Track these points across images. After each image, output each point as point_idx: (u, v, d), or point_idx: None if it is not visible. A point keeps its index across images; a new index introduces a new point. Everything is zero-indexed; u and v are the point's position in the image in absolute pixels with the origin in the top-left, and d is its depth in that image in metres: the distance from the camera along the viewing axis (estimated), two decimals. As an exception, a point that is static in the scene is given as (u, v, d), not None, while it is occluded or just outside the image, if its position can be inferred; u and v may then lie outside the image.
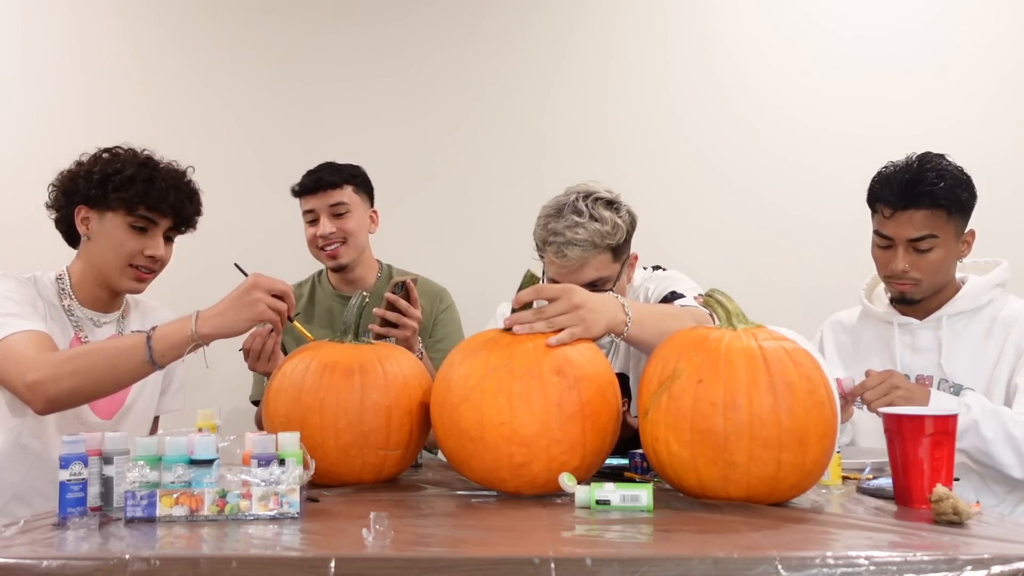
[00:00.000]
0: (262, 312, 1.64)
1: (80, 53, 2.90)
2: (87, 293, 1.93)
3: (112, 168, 1.86)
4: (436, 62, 2.92)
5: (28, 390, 1.66)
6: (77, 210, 1.89)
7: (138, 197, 1.85)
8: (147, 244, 1.88)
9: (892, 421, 1.40)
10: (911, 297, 1.99)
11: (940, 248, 1.93)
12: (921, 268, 1.94)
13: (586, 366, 1.46)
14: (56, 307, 1.90)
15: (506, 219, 2.77)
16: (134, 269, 1.89)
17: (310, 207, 2.35)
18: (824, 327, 2.18)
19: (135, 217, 1.87)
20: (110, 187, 1.85)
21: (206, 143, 2.85)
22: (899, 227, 1.93)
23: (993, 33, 2.85)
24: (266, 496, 1.27)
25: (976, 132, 2.78)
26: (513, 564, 1.03)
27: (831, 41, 2.88)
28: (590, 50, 2.91)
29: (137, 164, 1.88)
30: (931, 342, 2.00)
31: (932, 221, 1.91)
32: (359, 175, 2.41)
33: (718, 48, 2.90)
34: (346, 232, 2.34)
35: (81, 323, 1.91)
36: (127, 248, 1.87)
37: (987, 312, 1.99)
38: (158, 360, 1.66)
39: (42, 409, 1.70)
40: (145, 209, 1.86)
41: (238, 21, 2.93)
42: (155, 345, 1.65)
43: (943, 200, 1.90)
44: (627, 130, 2.88)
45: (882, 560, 1.03)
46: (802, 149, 2.86)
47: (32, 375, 1.65)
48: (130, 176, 1.85)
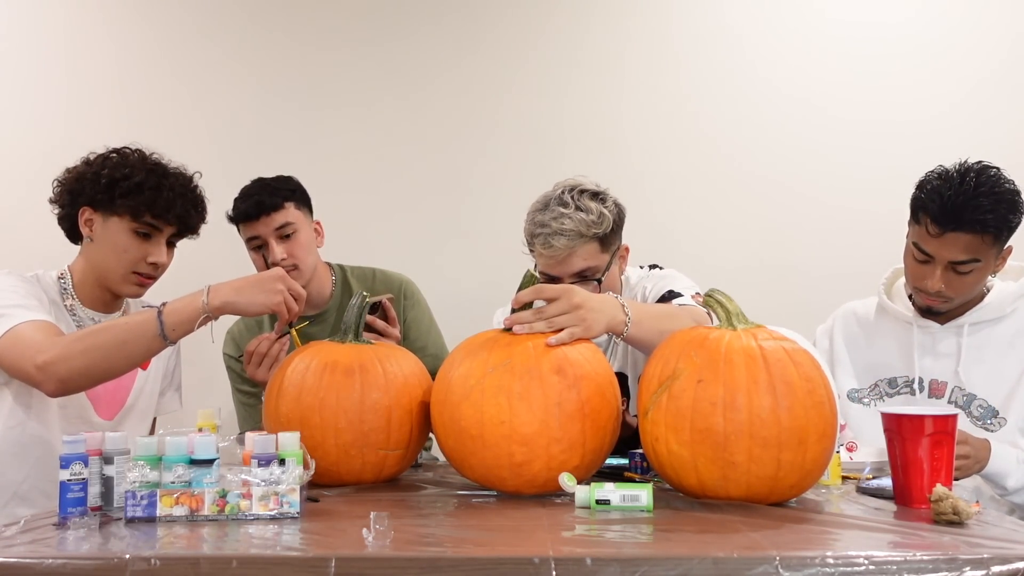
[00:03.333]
0: (277, 301, 1.66)
1: (80, 48, 2.89)
2: (88, 293, 1.92)
3: (120, 173, 1.84)
4: (449, 69, 2.91)
5: (39, 371, 1.64)
6: (81, 211, 1.88)
7: (145, 204, 1.83)
8: (150, 251, 1.87)
9: (892, 421, 1.40)
10: (938, 310, 1.93)
11: (980, 271, 1.85)
12: (956, 288, 1.87)
13: (585, 365, 1.47)
14: (59, 306, 1.89)
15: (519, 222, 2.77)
16: (136, 275, 1.88)
17: (255, 233, 2.17)
18: (836, 314, 2.12)
19: (140, 223, 1.85)
20: (117, 192, 1.83)
21: (205, 143, 2.85)
22: (943, 248, 1.82)
23: (1018, 18, 2.82)
24: (266, 496, 1.27)
25: (998, 124, 2.76)
26: (513, 564, 1.03)
27: (842, 33, 2.86)
28: (602, 53, 2.90)
29: (146, 170, 1.85)
30: (951, 348, 1.93)
31: (979, 246, 1.81)
32: (296, 188, 2.24)
33: (728, 45, 2.89)
34: (296, 258, 2.17)
35: (83, 323, 1.90)
36: (130, 254, 1.86)
37: (1010, 322, 1.93)
38: (169, 334, 1.65)
39: (54, 390, 1.67)
40: (151, 216, 1.85)
41: (245, 21, 2.92)
42: (166, 319, 1.64)
43: (993, 227, 1.80)
44: (641, 131, 2.87)
45: (882, 560, 1.03)
46: (816, 144, 2.84)
47: (42, 356, 1.63)
48: (138, 183, 1.83)
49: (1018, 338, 1.92)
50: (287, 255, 2.15)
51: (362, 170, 2.73)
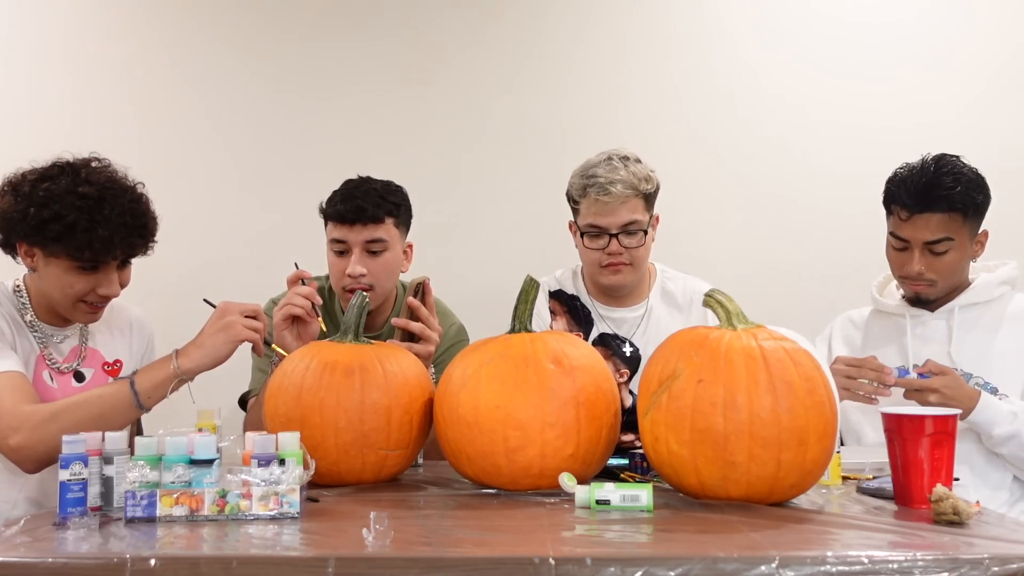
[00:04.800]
0: (239, 332, 1.67)
1: (68, 52, 2.87)
2: (44, 312, 1.81)
3: (49, 212, 1.64)
4: (446, 69, 2.90)
5: (13, 453, 1.61)
6: (19, 245, 1.73)
7: (81, 247, 1.65)
8: (99, 282, 1.72)
9: (892, 421, 1.40)
10: (926, 297, 2.02)
11: (955, 250, 1.95)
12: (937, 270, 1.97)
13: (582, 359, 1.51)
14: (19, 323, 1.79)
15: (522, 223, 2.77)
16: (86, 303, 1.75)
17: (343, 238, 2.04)
18: (835, 322, 2.21)
19: (82, 261, 1.69)
20: (49, 236, 1.65)
21: (204, 141, 2.84)
22: (915, 230, 1.94)
23: (1017, 22, 2.81)
24: (266, 496, 1.27)
25: (991, 127, 2.76)
26: (513, 564, 1.03)
27: (839, 35, 2.85)
28: (600, 54, 2.89)
29: (75, 209, 1.64)
30: (942, 332, 2.02)
31: (948, 224, 1.93)
32: (402, 203, 2.10)
33: (727, 47, 2.87)
34: (375, 277, 2.04)
35: (45, 340, 1.81)
36: (77, 289, 1.71)
37: (997, 306, 2.02)
38: (144, 403, 1.66)
39: (32, 470, 1.64)
40: (91, 255, 1.68)
41: (240, 21, 2.92)
42: (139, 388, 1.65)
43: (959, 204, 1.92)
44: (639, 132, 2.86)
45: (882, 560, 1.03)
46: (813, 145, 2.83)
47: (15, 438, 1.59)
48: (70, 224, 1.63)
49: (1005, 319, 2.01)
50: (367, 272, 2.03)
51: (363, 170, 2.72)
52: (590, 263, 2.17)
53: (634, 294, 2.23)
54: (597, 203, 2.07)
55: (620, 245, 2.10)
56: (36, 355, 1.80)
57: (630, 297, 2.23)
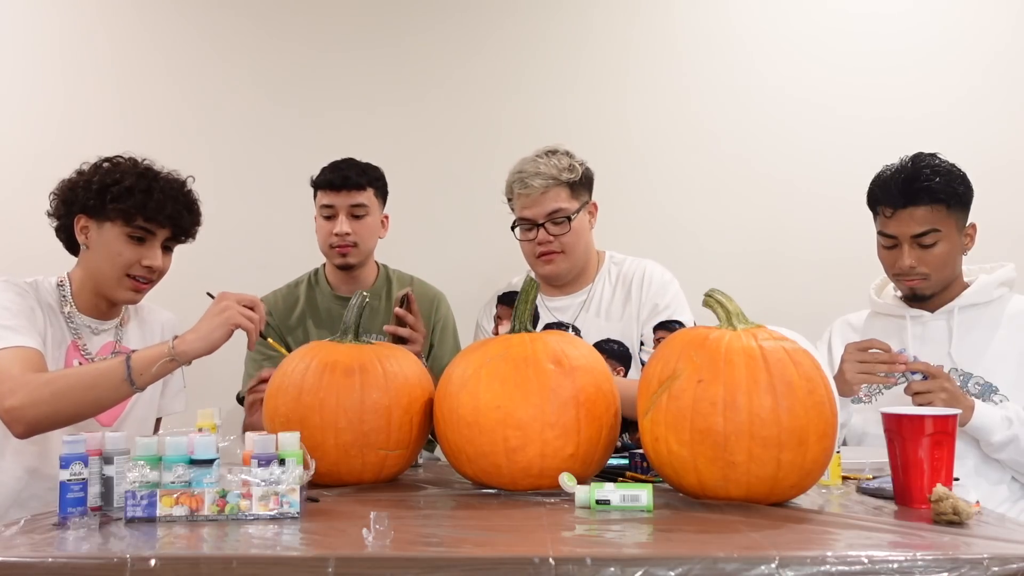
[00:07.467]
0: (233, 316, 1.70)
1: (82, 54, 2.88)
2: (86, 301, 1.93)
3: (111, 178, 1.86)
4: (452, 69, 2.90)
5: (7, 414, 1.67)
6: (76, 219, 1.89)
7: (136, 208, 1.85)
8: (144, 254, 1.88)
9: (892, 421, 1.40)
10: (922, 293, 2.03)
11: (944, 242, 1.97)
12: (928, 263, 1.98)
13: (582, 359, 1.51)
14: (56, 313, 1.90)
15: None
16: (131, 279, 1.89)
17: (330, 202, 2.30)
18: (833, 326, 2.22)
19: (133, 228, 1.86)
20: (108, 197, 1.85)
21: (203, 145, 2.84)
22: (901, 225, 1.97)
23: (1019, 20, 2.83)
24: (266, 496, 1.27)
25: (1000, 121, 2.77)
26: (513, 564, 1.03)
27: (845, 30, 2.85)
28: (606, 54, 2.89)
29: (136, 175, 1.87)
30: (942, 332, 2.03)
31: (933, 216, 1.96)
32: (380, 178, 2.39)
33: (732, 44, 2.88)
34: (359, 236, 2.31)
35: (80, 331, 1.92)
36: (124, 258, 1.87)
37: (996, 307, 2.04)
38: (136, 380, 1.68)
39: (21, 433, 1.69)
40: (143, 220, 1.86)
41: (244, 22, 2.92)
42: (133, 365, 1.67)
43: (941, 194, 1.95)
44: (645, 131, 2.87)
45: (882, 560, 1.03)
46: (823, 141, 2.83)
47: (10, 400, 1.65)
48: (128, 187, 1.85)
49: (1004, 320, 2.02)
50: (352, 232, 2.29)
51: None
52: (527, 256, 2.24)
53: (578, 281, 2.28)
54: (522, 197, 2.18)
55: (548, 234, 2.17)
56: (68, 343, 1.89)
57: (573, 284, 2.28)
